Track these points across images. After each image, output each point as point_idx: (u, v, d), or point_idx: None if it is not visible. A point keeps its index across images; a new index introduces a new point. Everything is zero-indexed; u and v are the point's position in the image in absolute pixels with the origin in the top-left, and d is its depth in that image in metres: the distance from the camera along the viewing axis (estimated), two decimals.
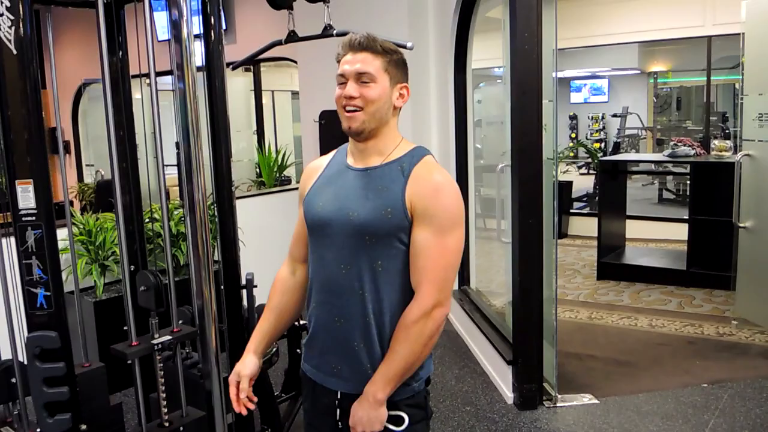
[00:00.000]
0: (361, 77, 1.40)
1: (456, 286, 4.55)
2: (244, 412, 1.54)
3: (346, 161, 1.50)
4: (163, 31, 6.46)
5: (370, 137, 1.44)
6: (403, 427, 1.42)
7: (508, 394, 3.20)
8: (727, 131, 8.65)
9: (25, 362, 1.67)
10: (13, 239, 1.63)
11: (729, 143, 5.09)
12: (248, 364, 1.54)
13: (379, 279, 1.41)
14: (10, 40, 1.53)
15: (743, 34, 4.05)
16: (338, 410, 1.47)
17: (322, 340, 1.49)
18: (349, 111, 1.41)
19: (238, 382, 1.53)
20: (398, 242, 1.40)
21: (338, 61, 1.46)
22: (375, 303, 1.41)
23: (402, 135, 1.50)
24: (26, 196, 1.56)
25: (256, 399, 1.55)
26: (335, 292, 1.45)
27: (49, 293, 1.62)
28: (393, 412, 1.42)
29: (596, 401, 3.14)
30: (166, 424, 1.96)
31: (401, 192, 1.39)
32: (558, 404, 3.12)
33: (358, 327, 1.43)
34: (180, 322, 1.99)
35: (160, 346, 1.87)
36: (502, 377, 3.32)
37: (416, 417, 1.46)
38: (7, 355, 1.83)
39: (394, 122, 1.48)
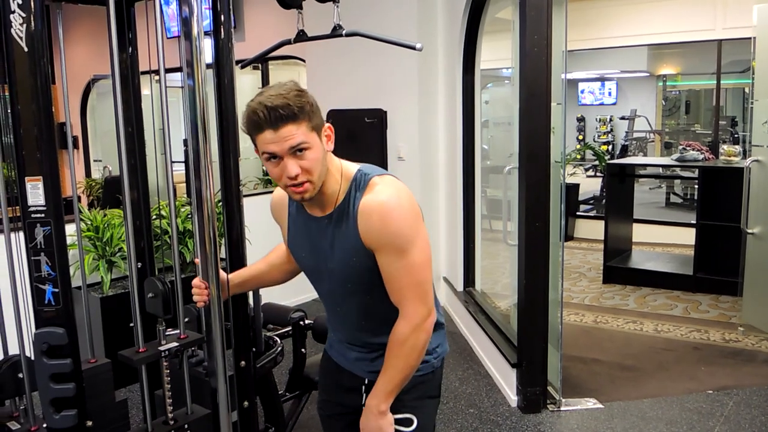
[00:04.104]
0: (294, 149, 1.29)
1: (461, 288, 4.54)
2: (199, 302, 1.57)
3: (305, 209, 1.49)
4: (171, 28, 6.47)
5: (318, 194, 1.39)
6: (412, 428, 1.49)
7: (512, 397, 3.19)
8: (736, 136, 8.57)
9: (33, 358, 1.67)
10: (21, 234, 1.63)
11: (738, 148, 5.05)
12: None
13: (370, 312, 1.49)
14: (21, 38, 1.53)
15: (754, 38, 4.02)
16: (363, 386, 1.57)
17: (339, 346, 1.64)
18: (295, 186, 1.33)
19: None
20: (376, 277, 1.43)
21: (249, 134, 1.33)
22: (372, 330, 1.51)
23: (335, 159, 1.42)
24: (36, 193, 1.56)
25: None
26: (337, 322, 1.60)
27: (57, 290, 1.62)
28: (401, 415, 1.48)
29: (600, 406, 3.13)
30: (171, 422, 1.96)
31: (356, 234, 1.38)
32: (562, 408, 3.11)
33: (362, 346, 1.56)
34: (186, 320, 1.99)
35: (167, 353, 1.88)
36: (506, 380, 3.32)
37: (431, 393, 1.57)
38: (14, 350, 1.84)
39: (330, 162, 1.39)
